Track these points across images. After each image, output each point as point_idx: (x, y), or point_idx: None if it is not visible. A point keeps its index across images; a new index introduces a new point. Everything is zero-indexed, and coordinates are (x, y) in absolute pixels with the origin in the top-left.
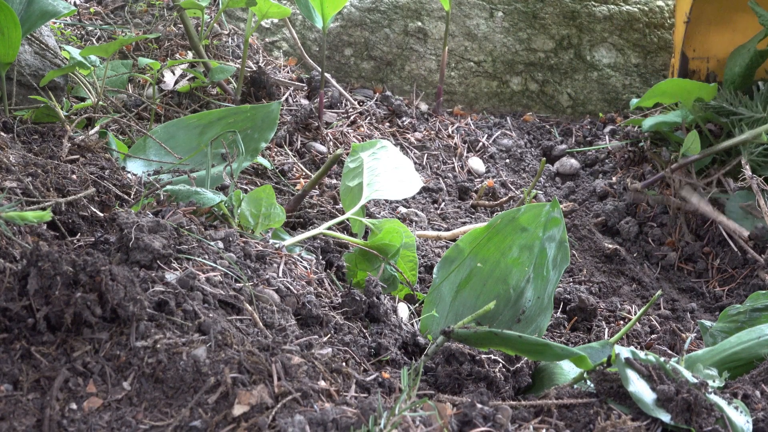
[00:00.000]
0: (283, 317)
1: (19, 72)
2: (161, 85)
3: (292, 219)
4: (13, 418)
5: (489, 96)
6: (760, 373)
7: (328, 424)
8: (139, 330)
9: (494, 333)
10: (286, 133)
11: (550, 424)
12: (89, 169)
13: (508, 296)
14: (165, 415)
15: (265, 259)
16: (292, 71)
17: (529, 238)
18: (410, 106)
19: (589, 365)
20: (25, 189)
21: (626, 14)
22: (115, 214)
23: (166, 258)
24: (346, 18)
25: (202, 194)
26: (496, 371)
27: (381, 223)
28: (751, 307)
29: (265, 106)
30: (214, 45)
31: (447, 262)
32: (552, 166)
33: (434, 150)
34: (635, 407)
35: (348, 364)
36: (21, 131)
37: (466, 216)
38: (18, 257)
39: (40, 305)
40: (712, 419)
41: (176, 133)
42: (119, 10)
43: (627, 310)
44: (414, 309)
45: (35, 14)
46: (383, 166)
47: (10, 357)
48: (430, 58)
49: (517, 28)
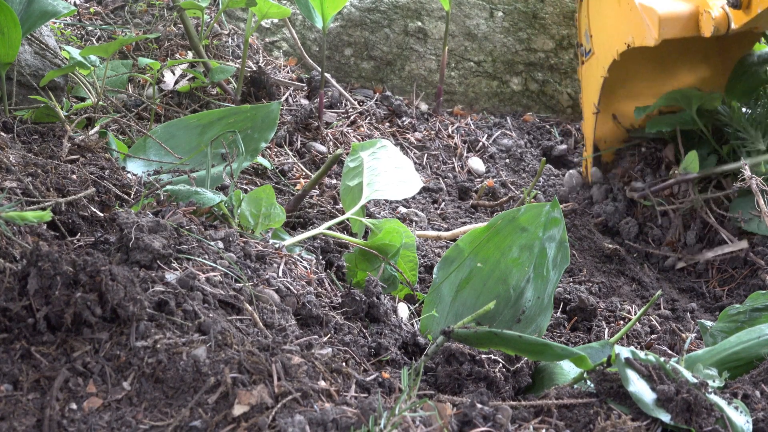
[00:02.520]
0: (283, 317)
1: (19, 72)
2: (161, 85)
3: (292, 219)
4: (13, 418)
5: (489, 96)
6: (760, 373)
7: (328, 424)
8: (139, 330)
9: (494, 333)
10: (286, 133)
11: (550, 424)
12: (89, 169)
13: (508, 296)
14: (165, 415)
15: (265, 259)
16: (292, 71)
17: (529, 238)
18: (410, 106)
19: (589, 365)
20: (25, 189)
21: None
22: (115, 214)
23: (166, 258)
24: (346, 18)
25: (202, 194)
26: (496, 371)
27: (381, 223)
28: (751, 307)
29: (265, 106)
30: (214, 45)
31: (447, 262)
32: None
33: (434, 150)
34: (635, 407)
35: (348, 364)
36: (21, 131)
37: (466, 216)
38: (18, 257)
39: (40, 305)
40: (712, 419)
41: (176, 133)
42: (119, 10)
43: (627, 310)
44: (414, 309)
45: (35, 14)
46: (383, 166)
47: (10, 357)
48: (430, 58)
49: (517, 28)
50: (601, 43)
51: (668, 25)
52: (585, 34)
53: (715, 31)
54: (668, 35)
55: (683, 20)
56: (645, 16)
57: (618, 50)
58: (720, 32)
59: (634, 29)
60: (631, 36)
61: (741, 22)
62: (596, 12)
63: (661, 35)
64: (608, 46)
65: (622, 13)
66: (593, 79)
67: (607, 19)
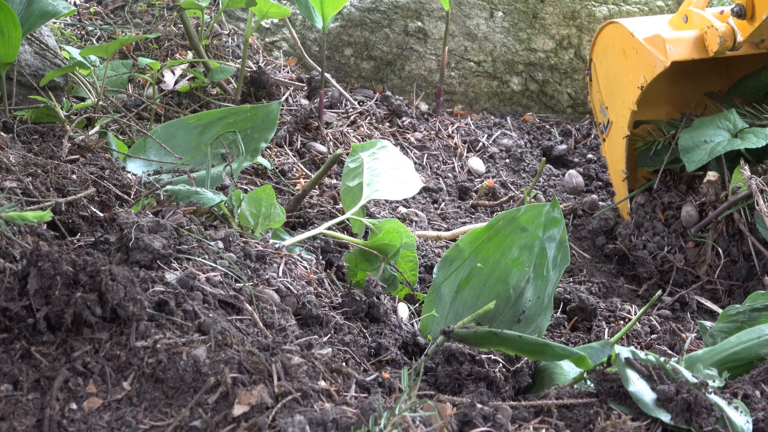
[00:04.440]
0: (283, 317)
1: (19, 72)
2: (161, 85)
3: (292, 219)
4: (13, 418)
5: (489, 96)
6: (760, 373)
7: (328, 424)
8: (139, 330)
9: (494, 333)
10: (286, 133)
11: (550, 424)
12: (89, 169)
13: (508, 296)
14: (165, 415)
15: (265, 259)
16: (292, 71)
17: (529, 238)
18: (410, 106)
19: (589, 365)
20: (25, 189)
21: (626, 14)
22: (115, 214)
23: (166, 258)
24: (346, 18)
25: (202, 194)
26: (496, 371)
27: (381, 223)
28: (751, 307)
29: (265, 106)
30: (214, 45)
31: (447, 262)
32: (555, 169)
33: (434, 150)
34: (635, 407)
35: (348, 364)
36: (21, 131)
37: (466, 216)
38: (18, 257)
39: (40, 305)
40: (712, 419)
41: (176, 133)
42: (119, 10)
43: (627, 310)
44: (414, 309)
45: (35, 14)
46: (383, 166)
47: (10, 357)
48: (430, 58)
49: (517, 28)
50: (616, 108)
51: (675, 45)
52: (600, 109)
53: (721, 43)
54: (676, 57)
55: (689, 41)
56: (651, 48)
57: (633, 100)
58: (727, 45)
59: (644, 67)
60: (642, 76)
61: (747, 33)
62: (605, 80)
63: (669, 56)
64: (624, 104)
65: (629, 61)
66: (616, 147)
67: (617, 80)
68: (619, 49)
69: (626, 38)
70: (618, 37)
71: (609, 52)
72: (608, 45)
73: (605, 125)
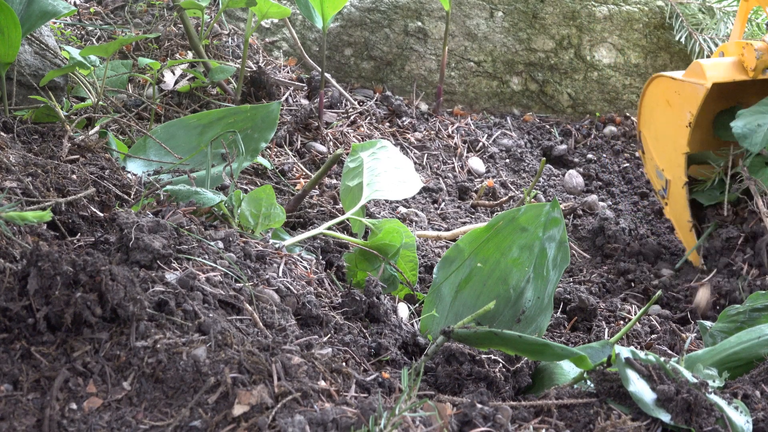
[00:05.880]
0: (283, 317)
1: (19, 72)
2: (161, 85)
3: (292, 219)
4: (13, 418)
5: (489, 96)
6: (760, 373)
7: (328, 424)
8: (139, 330)
9: (494, 333)
10: (286, 133)
11: (550, 424)
12: (89, 169)
13: (508, 296)
14: (165, 415)
15: (265, 259)
16: (292, 71)
17: (529, 238)
18: (410, 106)
19: (589, 365)
20: (25, 189)
21: (626, 14)
22: (115, 214)
23: (166, 258)
24: (346, 18)
25: (202, 194)
26: (496, 371)
27: (381, 223)
28: (751, 307)
29: (265, 106)
30: (214, 45)
31: (447, 262)
32: (555, 169)
33: (434, 150)
34: (635, 407)
35: (348, 364)
36: (21, 131)
37: (466, 216)
38: (18, 257)
39: (40, 305)
40: (712, 419)
41: (176, 133)
42: (119, 10)
43: (627, 310)
44: (414, 309)
45: (35, 14)
46: (383, 166)
47: (10, 357)
48: (430, 58)
49: (517, 28)
50: (671, 161)
51: (714, 69)
52: (657, 174)
53: (759, 57)
54: (716, 78)
55: (728, 64)
56: (691, 78)
57: (685, 143)
58: (765, 59)
59: (688, 103)
60: (688, 112)
61: None
62: (655, 141)
63: (709, 78)
64: (676, 152)
65: (674, 108)
66: (678, 201)
67: (667, 134)
68: (663, 102)
69: (668, 86)
70: (661, 90)
71: (654, 112)
72: (653, 104)
73: (664, 188)
